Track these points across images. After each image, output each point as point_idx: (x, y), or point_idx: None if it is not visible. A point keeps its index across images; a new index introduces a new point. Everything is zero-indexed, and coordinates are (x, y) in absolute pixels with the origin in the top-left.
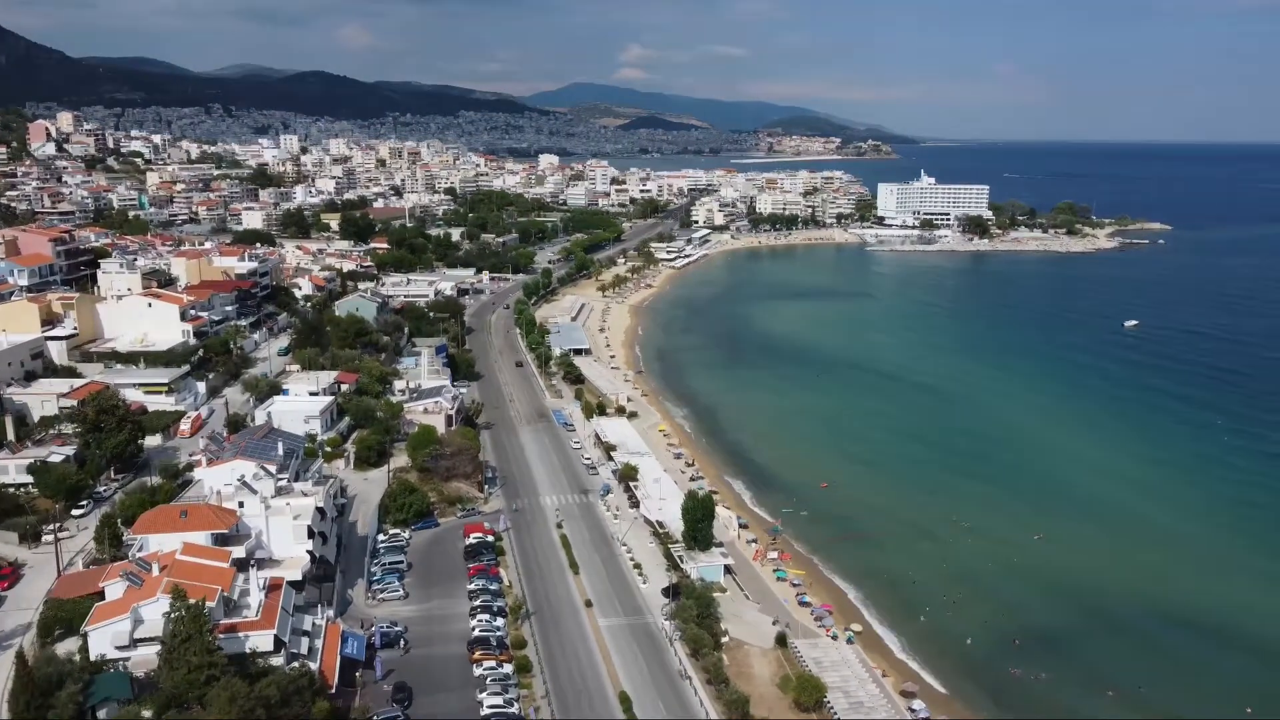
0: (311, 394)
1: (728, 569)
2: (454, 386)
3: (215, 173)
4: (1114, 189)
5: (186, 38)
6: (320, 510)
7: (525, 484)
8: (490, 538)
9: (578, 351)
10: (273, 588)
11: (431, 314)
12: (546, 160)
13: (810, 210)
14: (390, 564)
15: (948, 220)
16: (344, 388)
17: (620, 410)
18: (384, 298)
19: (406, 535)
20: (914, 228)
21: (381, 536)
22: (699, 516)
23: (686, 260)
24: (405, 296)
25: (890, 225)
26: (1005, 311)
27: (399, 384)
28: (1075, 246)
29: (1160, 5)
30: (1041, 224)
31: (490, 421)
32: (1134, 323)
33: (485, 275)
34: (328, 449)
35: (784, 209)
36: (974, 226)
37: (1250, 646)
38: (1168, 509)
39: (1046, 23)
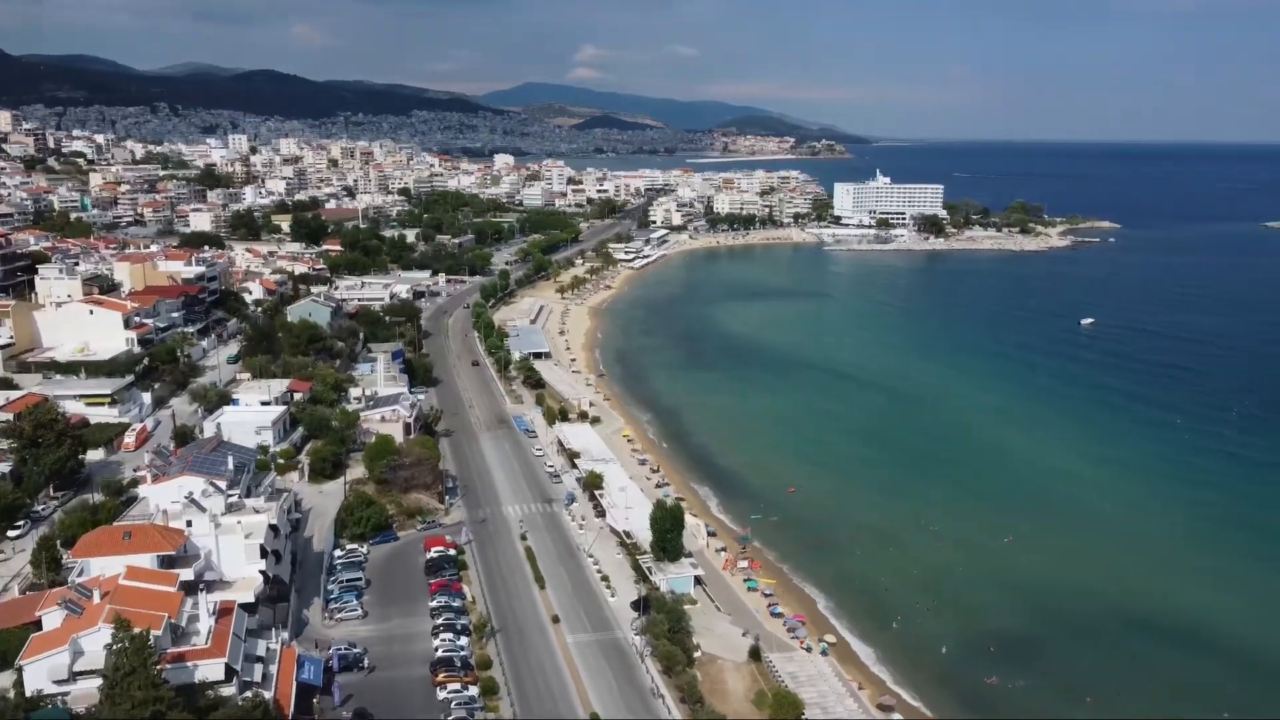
0: (263, 404)
1: (698, 580)
2: (411, 393)
3: (161, 173)
4: (1063, 188)
5: (131, 35)
6: (274, 528)
7: (487, 494)
8: (452, 551)
9: (537, 355)
10: (223, 612)
11: (387, 318)
12: (502, 160)
13: (767, 210)
14: (348, 581)
15: (903, 219)
16: (297, 397)
17: (583, 415)
18: (337, 302)
19: (364, 550)
20: (870, 227)
21: (338, 552)
22: (668, 527)
23: (645, 261)
24: (360, 300)
25: (847, 225)
26: (964, 310)
27: (354, 392)
28: (1029, 245)
29: (1106, 8)
30: (995, 223)
31: (449, 428)
32: (1090, 321)
33: (441, 277)
34: (280, 461)
35: (741, 209)
36: (929, 226)
37: (1220, 649)
38: (1131, 509)
39: (995, 24)
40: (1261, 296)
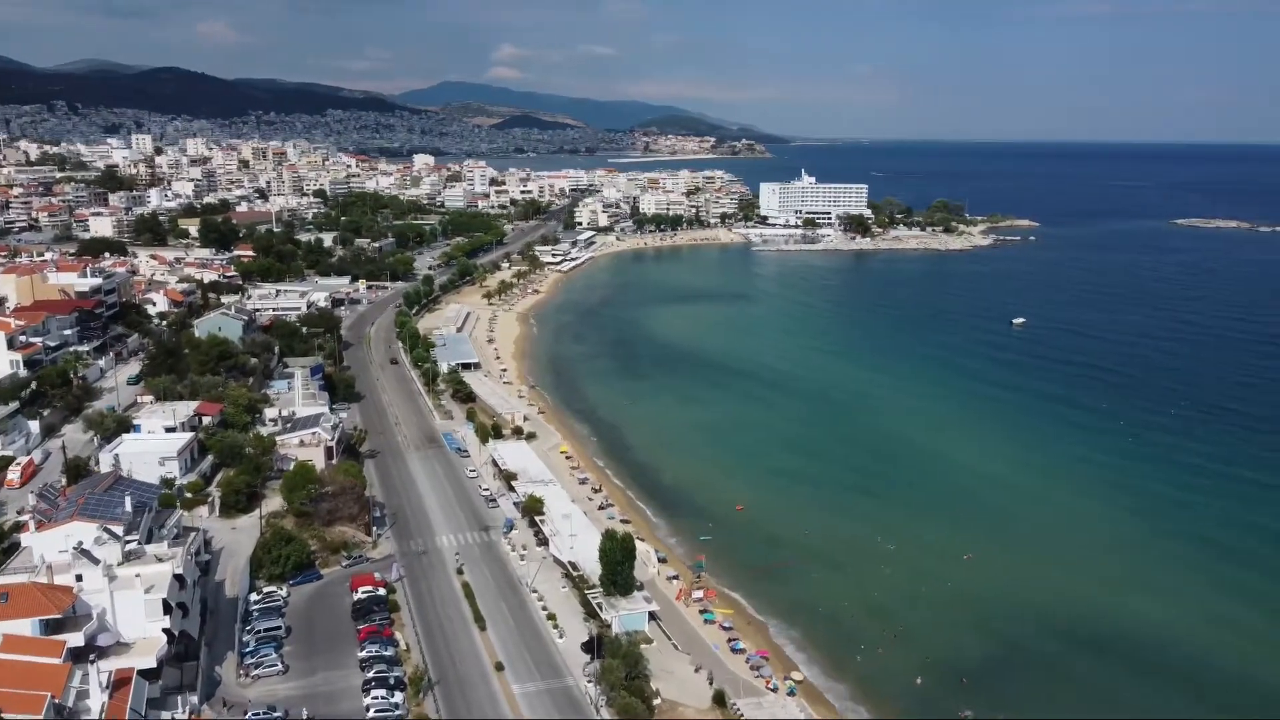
0: (168, 430)
1: (652, 615)
2: (333, 411)
3: (58, 175)
4: (982, 186)
5: (27, 30)
6: (179, 578)
7: (419, 522)
8: (382, 590)
9: (466, 366)
10: (119, 683)
11: (304, 329)
12: (422, 160)
13: (694, 210)
14: (265, 631)
15: (829, 219)
16: (206, 421)
17: (517, 431)
18: (250, 313)
19: (284, 593)
20: (797, 227)
21: (254, 596)
22: (619, 559)
23: (573, 264)
24: (274, 310)
25: (774, 225)
26: (897, 312)
27: (270, 412)
28: (953, 244)
29: (1021, 10)
30: (919, 222)
31: (374, 449)
32: (1021, 320)
33: (362, 284)
34: (188, 495)
35: (668, 209)
36: (856, 225)
37: (1199, 670)
38: (1090, 521)
39: (909, 26)
40: (1178, 294)
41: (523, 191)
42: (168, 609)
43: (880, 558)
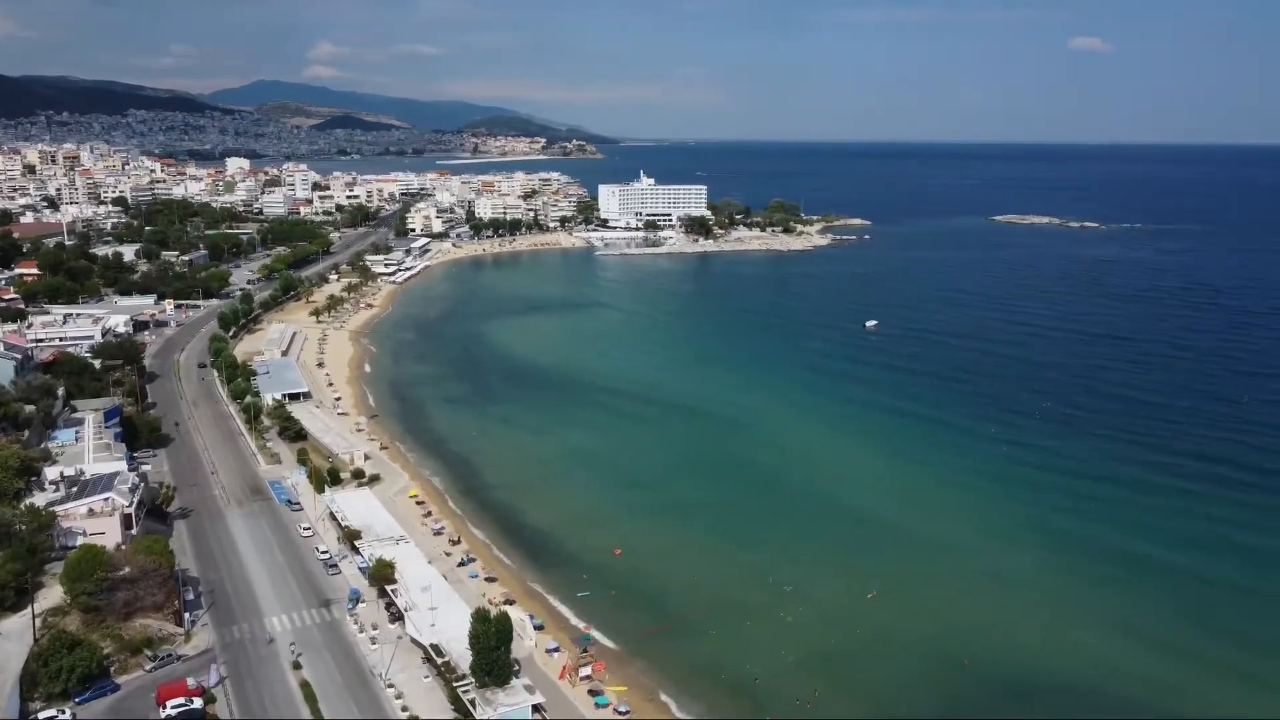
0: None
1: (536, 708)
2: (133, 464)
3: None
4: (808, 185)
5: None
6: None
7: (243, 601)
8: (198, 702)
9: (294, 396)
10: None
11: (98, 363)
12: (236, 164)
13: (532, 214)
14: None
15: (670, 221)
16: None
17: (358, 475)
18: (26, 349)
19: (67, 716)
20: (639, 229)
21: None
22: (493, 643)
23: (408, 274)
24: (61, 340)
25: (615, 227)
26: (749, 318)
27: (51, 473)
28: (794, 245)
29: (831, 17)
30: (758, 222)
31: (186, 507)
32: (873, 323)
33: (169, 303)
34: None
35: (505, 213)
36: (697, 227)
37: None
38: (983, 537)
39: (732, 29)
40: (1010, 292)
41: (349, 196)
42: None
43: (779, 602)
